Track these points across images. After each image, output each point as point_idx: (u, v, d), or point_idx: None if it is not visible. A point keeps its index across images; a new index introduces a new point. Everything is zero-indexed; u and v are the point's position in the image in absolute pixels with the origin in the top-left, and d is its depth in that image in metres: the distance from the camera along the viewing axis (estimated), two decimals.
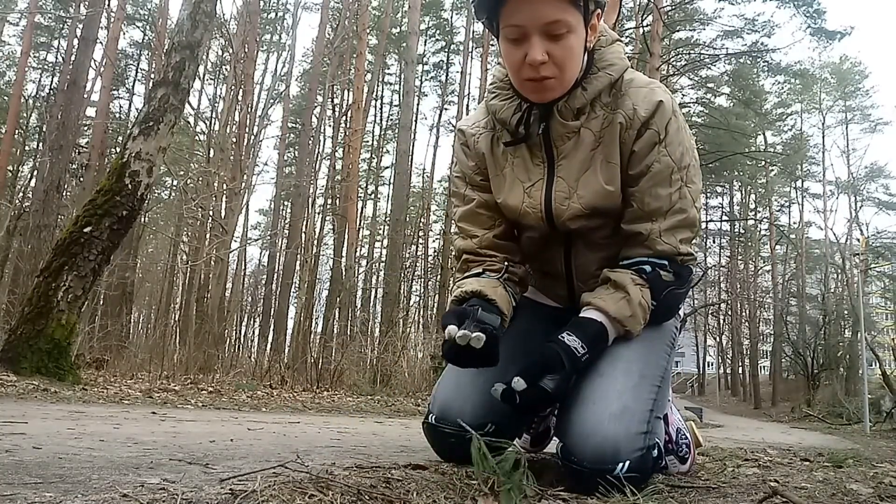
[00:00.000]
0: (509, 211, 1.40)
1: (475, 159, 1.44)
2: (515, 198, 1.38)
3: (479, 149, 1.43)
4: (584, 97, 1.27)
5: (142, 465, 1.13)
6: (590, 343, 1.24)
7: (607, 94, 1.29)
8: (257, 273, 24.87)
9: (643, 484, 1.19)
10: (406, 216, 18.60)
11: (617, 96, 1.29)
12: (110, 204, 5.06)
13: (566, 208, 1.33)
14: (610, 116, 1.28)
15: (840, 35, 17.52)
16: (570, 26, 1.17)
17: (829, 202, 31.04)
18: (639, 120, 1.26)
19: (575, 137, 1.30)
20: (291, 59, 18.46)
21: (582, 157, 1.31)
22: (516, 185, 1.38)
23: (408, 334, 12.36)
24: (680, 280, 1.33)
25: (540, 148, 1.34)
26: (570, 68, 1.22)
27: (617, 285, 1.30)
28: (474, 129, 1.44)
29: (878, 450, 4.48)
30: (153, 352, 8.82)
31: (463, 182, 1.48)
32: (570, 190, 1.32)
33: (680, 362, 40.12)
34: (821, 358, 24.78)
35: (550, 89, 1.23)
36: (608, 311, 1.27)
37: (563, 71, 1.21)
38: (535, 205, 1.36)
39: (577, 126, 1.29)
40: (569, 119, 1.29)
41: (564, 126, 1.29)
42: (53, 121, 14.09)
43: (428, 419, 1.39)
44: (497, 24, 1.21)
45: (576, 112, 1.28)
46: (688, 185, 1.29)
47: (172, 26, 6.99)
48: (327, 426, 2.99)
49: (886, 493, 1.29)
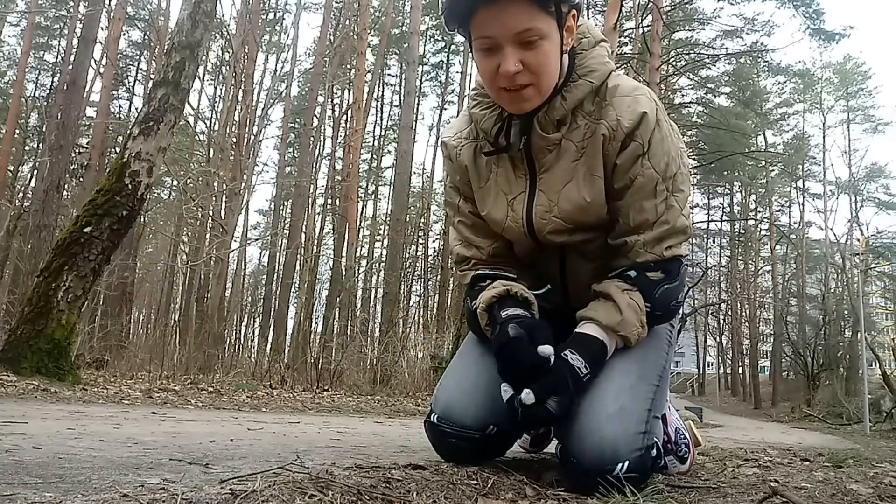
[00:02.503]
0: (494, 224, 1.38)
1: (459, 172, 1.42)
2: (499, 211, 1.35)
3: (461, 161, 1.39)
4: (565, 107, 1.24)
5: (142, 465, 1.13)
6: (591, 362, 1.23)
7: (590, 102, 1.25)
8: (257, 273, 24.88)
9: (643, 484, 1.19)
10: (406, 216, 18.59)
11: (600, 105, 1.25)
12: (110, 204, 5.06)
13: (546, 222, 1.31)
14: (593, 127, 1.24)
15: (839, 36, 17.51)
16: (542, 33, 1.14)
17: (829, 202, 31.11)
18: (622, 131, 1.22)
19: (556, 150, 1.27)
20: (292, 59, 18.50)
21: (564, 170, 1.28)
22: (500, 198, 1.35)
23: (408, 334, 12.37)
24: (669, 276, 1.31)
25: (522, 160, 1.31)
26: (546, 75, 1.18)
27: (604, 296, 1.29)
28: (456, 140, 1.41)
29: (878, 450, 4.48)
30: (153, 352, 8.82)
31: (457, 193, 1.45)
32: (551, 204, 1.29)
33: (680, 362, 40.12)
34: (821, 358, 24.78)
35: (527, 99, 1.20)
36: (600, 321, 1.27)
37: (540, 77, 1.17)
38: (517, 219, 1.33)
39: (558, 138, 1.26)
40: (549, 131, 1.26)
41: (545, 139, 1.26)
42: (53, 121, 14.10)
43: (430, 418, 1.38)
44: (469, 35, 1.20)
45: (556, 123, 1.25)
46: (674, 194, 1.27)
47: (172, 26, 6.99)
48: (327, 426, 2.99)
49: (886, 493, 1.29)
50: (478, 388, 1.34)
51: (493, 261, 1.42)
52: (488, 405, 1.30)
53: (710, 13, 18.33)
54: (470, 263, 1.44)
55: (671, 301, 1.34)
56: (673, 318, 1.42)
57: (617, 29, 11.49)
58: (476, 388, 1.35)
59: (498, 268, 1.41)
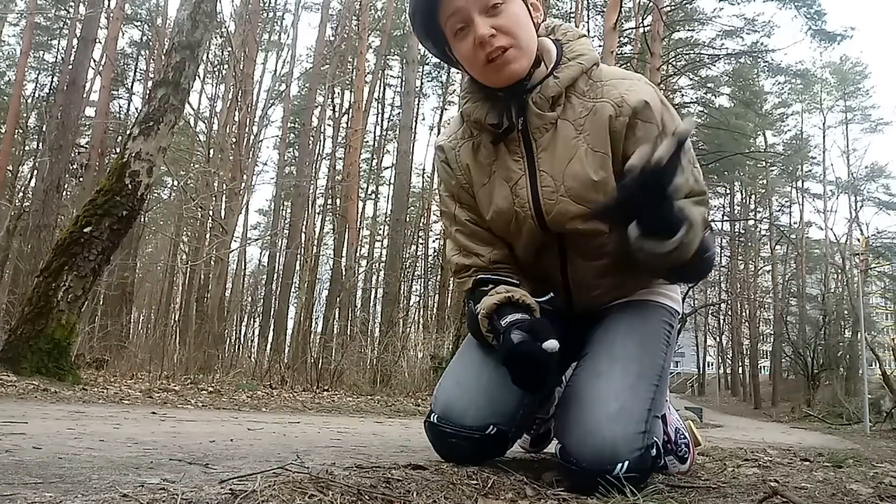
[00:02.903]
0: (502, 217, 1.35)
1: (459, 174, 1.40)
2: (505, 200, 1.33)
3: (462, 161, 1.38)
4: (558, 85, 1.25)
5: (142, 465, 1.13)
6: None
7: (584, 83, 1.27)
8: (257, 273, 24.84)
9: (643, 484, 1.19)
10: (406, 216, 18.61)
11: (595, 87, 1.27)
12: (110, 204, 5.06)
13: (555, 202, 1.28)
14: (589, 105, 1.26)
15: (840, 37, 17.54)
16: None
17: (829, 202, 30.99)
18: (629, 107, 1.23)
19: (553, 129, 1.28)
20: (292, 59, 18.49)
21: (565, 148, 1.27)
22: (503, 188, 1.33)
23: (408, 334, 12.37)
24: (707, 247, 1.26)
25: (518, 143, 1.30)
26: (522, 35, 1.21)
27: None
28: (453, 142, 1.40)
29: (878, 450, 4.48)
30: (153, 352, 8.83)
31: (452, 201, 1.43)
32: (556, 183, 1.27)
33: (680, 362, 40.11)
34: (821, 358, 24.78)
35: (513, 60, 1.21)
36: None
37: (517, 37, 1.20)
38: (523, 203, 1.31)
39: (554, 117, 1.27)
40: (545, 110, 1.26)
41: (541, 117, 1.27)
42: (53, 121, 14.09)
43: (430, 418, 1.38)
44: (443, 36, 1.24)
45: (551, 101, 1.26)
46: (695, 165, 1.29)
47: (172, 26, 6.99)
48: (327, 426, 2.99)
49: (886, 493, 1.29)
50: (478, 387, 1.34)
51: (494, 267, 1.40)
52: (488, 405, 1.30)
53: (711, 13, 18.35)
54: (470, 271, 1.41)
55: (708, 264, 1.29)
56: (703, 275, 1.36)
57: (617, 29, 11.50)
58: (476, 388, 1.35)
59: (500, 273, 1.39)
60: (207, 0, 5.67)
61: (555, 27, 1.34)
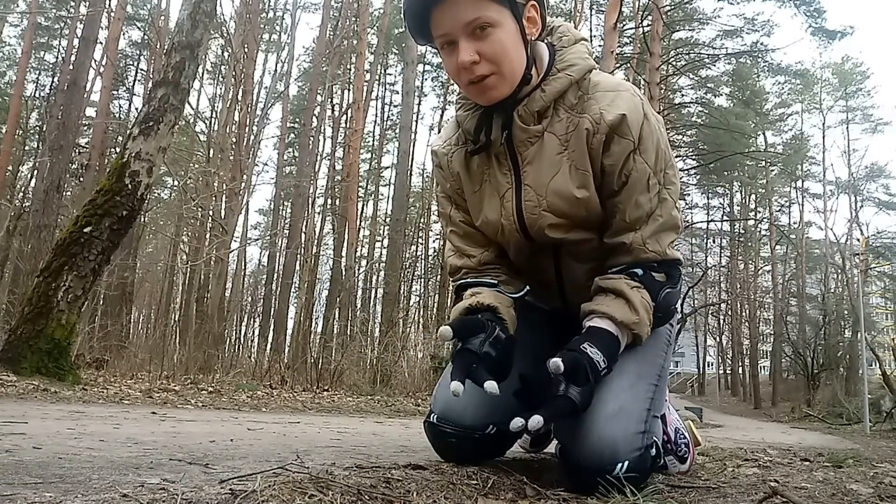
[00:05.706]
0: (490, 227, 1.36)
1: (451, 180, 1.41)
2: (494, 211, 1.34)
3: (453, 168, 1.39)
4: (544, 99, 1.24)
5: (142, 465, 1.13)
6: (608, 357, 1.21)
7: (573, 95, 1.25)
8: (257, 273, 24.85)
9: (643, 484, 1.19)
10: (406, 216, 18.58)
11: (583, 99, 1.25)
12: (110, 204, 5.06)
13: (537, 217, 1.29)
14: (575, 120, 1.24)
15: (840, 35, 17.57)
16: (492, 21, 1.16)
17: (829, 202, 31.07)
18: (605, 125, 1.21)
19: (538, 142, 1.27)
20: (291, 58, 18.47)
21: (549, 163, 1.27)
22: (494, 199, 1.34)
23: (408, 334, 12.36)
24: (672, 280, 1.32)
25: (506, 156, 1.30)
26: (506, 63, 1.19)
27: (615, 292, 1.27)
28: (446, 147, 1.41)
29: (878, 450, 4.47)
30: (153, 352, 8.81)
31: (448, 202, 1.45)
32: (539, 198, 1.28)
33: (680, 362, 40.11)
34: (821, 358, 24.78)
35: (492, 87, 1.20)
36: (615, 318, 1.24)
37: (500, 65, 1.18)
38: (508, 216, 1.32)
39: (539, 130, 1.26)
40: (530, 123, 1.26)
41: (526, 131, 1.26)
42: (53, 121, 14.10)
43: (429, 418, 1.38)
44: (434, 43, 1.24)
45: (536, 115, 1.25)
46: (666, 186, 1.27)
47: (172, 26, 6.99)
48: (327, 426, 2.99)
49: (886, 493, 1.29)
50: (477, 388, 1.34)
51: (483, 268, 1.41)
52: (488, 405, 1.30)
53: (710, 13, 18.38)
54: (460, 273, 1.43)
55: (671, 305, 1.35)
56: (669, 321, 1.42)
57: (617, 29, 11.49)
58: (476, 388, 1.34)
59: (488, 274, 1.40)
60: (207, 0, 5.67)
61: (553, 28, 1.33)
